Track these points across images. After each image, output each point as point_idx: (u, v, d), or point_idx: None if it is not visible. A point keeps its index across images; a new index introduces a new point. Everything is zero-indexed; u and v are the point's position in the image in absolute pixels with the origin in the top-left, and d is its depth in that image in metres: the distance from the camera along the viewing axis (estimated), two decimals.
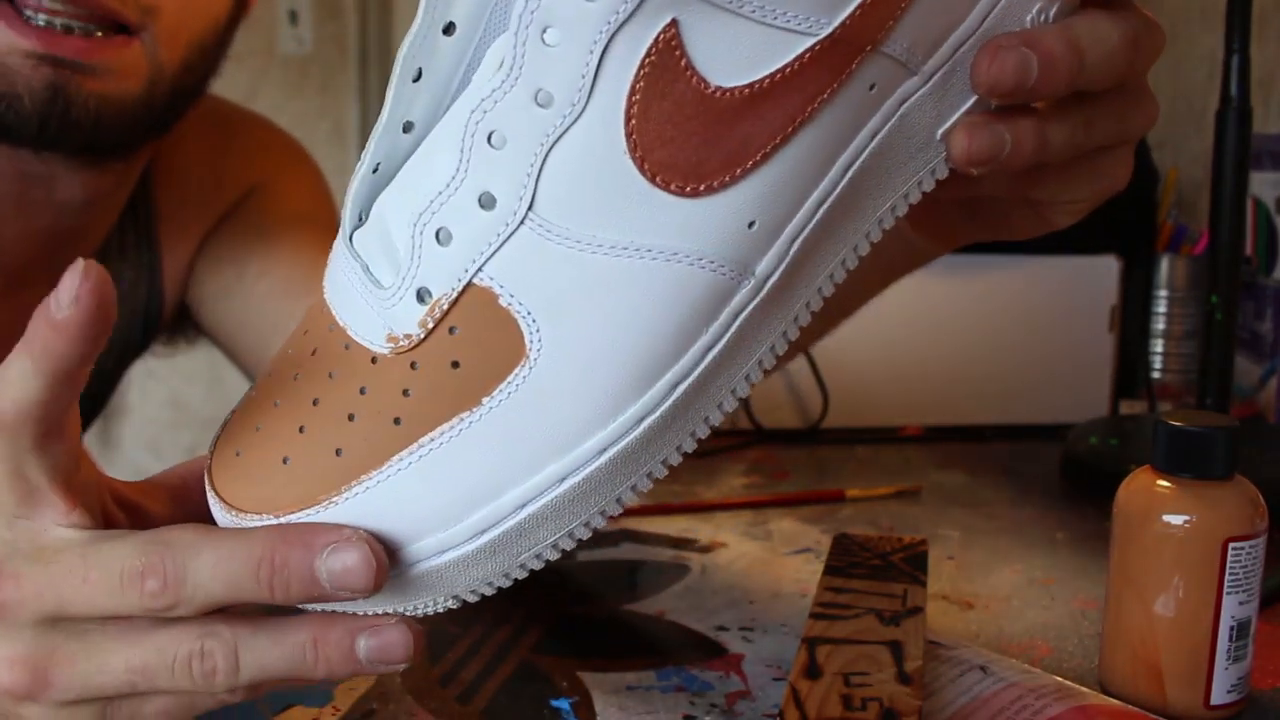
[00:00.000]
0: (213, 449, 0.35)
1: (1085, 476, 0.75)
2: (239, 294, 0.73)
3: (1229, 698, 0.45)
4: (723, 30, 0.30)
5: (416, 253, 0.32)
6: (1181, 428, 0.45)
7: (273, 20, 2.18)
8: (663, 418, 0.33)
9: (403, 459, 0.32)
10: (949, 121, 0.36)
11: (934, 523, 0.69)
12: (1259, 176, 0.92)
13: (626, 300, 0.31)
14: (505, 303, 0.32)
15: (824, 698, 0.38)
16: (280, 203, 0.75)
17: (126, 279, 0.71)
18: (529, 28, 0.30)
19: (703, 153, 0.31)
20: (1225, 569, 0.44)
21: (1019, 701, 0.41)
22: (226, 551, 0.32)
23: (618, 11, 0.29)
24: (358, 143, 2.21)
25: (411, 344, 0.32)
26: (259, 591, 0.32)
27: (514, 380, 0.32)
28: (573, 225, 0.31)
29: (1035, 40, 0.35)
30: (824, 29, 0.31)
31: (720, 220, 0.32)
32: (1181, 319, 0.97)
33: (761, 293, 0.33)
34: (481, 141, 0.31)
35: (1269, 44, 1.01)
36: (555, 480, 0.32)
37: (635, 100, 0.30)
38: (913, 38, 0.33)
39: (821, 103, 0.32)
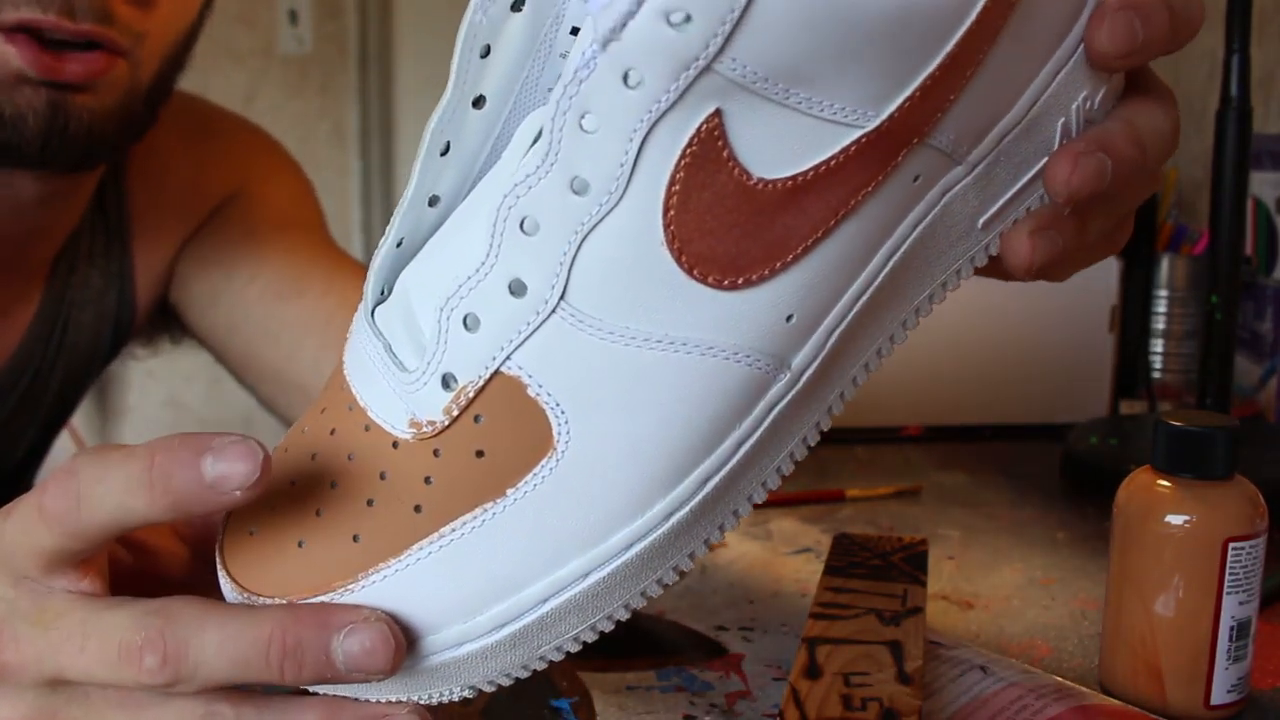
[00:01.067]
0: (225, 523, 0.34)
1: (1085, 476, 0.75)
2: (227, 298, 0.73)
3: (1229, 698, 0.45)
4: (767, 121, 0.29)
5: (443, 337, 0.31)
6: (1181, 428, 0.45)
7: (273, 20, 2.18)
8: (691, 512, 0.32)
9: (423, 548, 0.31)
10: (990, 210, 0.35)
11: (934, 523, 0.69)
12: (1259, 176, 0.92)
13: (659, 394, 0.31)
14: (534, 393, 0.31)
15: (824, 698, 0.38)
16: (266, 206, 0.75)
17: (95, 285, 0.70)
18: (566, 113, 0.29)
19: (743, 245, 0.30)
20: (1225, 569, 0.44)
21: (1019, 701, 0.41)
22: (234, 630, 0.31)
23: (660, 100, 0.28)
24: (357, 143, 2.21)
25: (435, 430, 0.31)
26: (267, 672, 0.31)
27: (540, 472, 0.31)
28: (606, 316, 0.30)
29: (1108, 144, 0.35)
30: (871, 121, 0.30)
31: (758, 314, 0.31)
32: (1181, 319, 0.97)
33: (797, 386, 0.33)
34: (514, 227, 0.30)
35: (1269, 44, 1.01)
36: (579, 575, 0.31)
37: (675, 190, 0.29)
38: (959, 129, 0.32)
39: (865, 195, 0.31)
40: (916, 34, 0.30)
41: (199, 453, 0.30)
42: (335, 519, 0.32)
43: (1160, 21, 0.35)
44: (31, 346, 0.69)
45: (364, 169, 2.23)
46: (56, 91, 0.54)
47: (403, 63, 2.21)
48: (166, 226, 0.72)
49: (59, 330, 0.70)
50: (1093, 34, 0.35)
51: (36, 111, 0.54)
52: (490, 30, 0.32)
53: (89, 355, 0.73)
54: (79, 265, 0.70)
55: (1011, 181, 0.35)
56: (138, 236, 0.72)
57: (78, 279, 0.70)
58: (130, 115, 0.59)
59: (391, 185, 2.25)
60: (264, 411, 0.77)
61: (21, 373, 0.69)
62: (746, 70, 0.28)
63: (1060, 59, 0.35)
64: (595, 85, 0.28)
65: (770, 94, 0.29)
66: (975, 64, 0.31)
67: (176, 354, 0.82)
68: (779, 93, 0.29)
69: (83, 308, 0.70)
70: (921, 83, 0.30)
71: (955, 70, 0.31)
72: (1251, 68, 0.69)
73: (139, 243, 0.72)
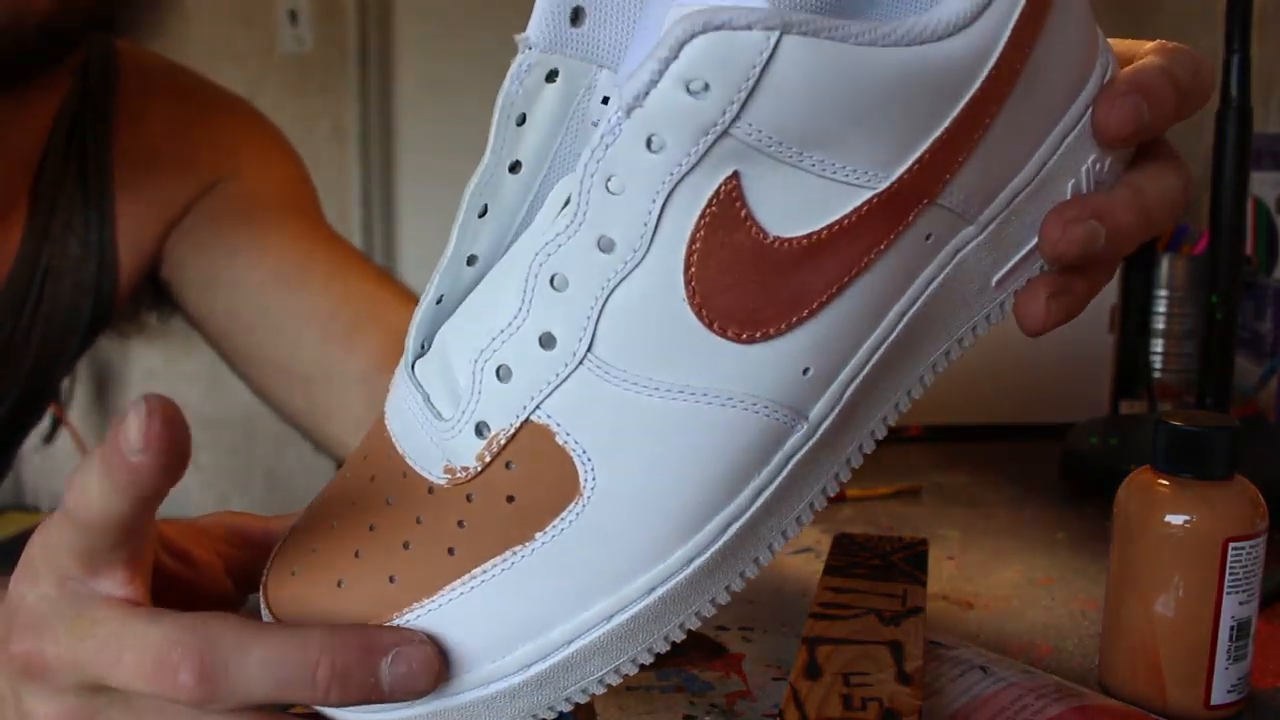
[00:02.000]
0: (270, 563, 0.36)
1: (1085, 476, 0.75)
2: (228, 283, 0.72)
3: (1229, 697, 0.45)
4: (783, 183, 0.30)
5: (477, 388, 0.32)
6: (1181, 428, 0.45)
7: (273, 20, 2.18)
8: (713, 558, 0.33)
9: (455, 589, 0.32)
10: (1004, 269, 0.36)
11: (934, 523, 0.69)
12: (1259, 176, 0.92)
13: (681, 442, 0.32)
14: (562, 441, 0.32)
15: (824, 698, 0.38)
16: (264, 189, 0.74)
17: (73, 254, 0.69)
18: (594, 175, 0.30)
19: (760, 301, 0.31)
20: (1225, 569, 0.44)
21: (1019, 701, 0.41)
22: (280, 650, 0.31)
23: (680, 164, 0.30)
24: (358, 143, 2.21)
25: (468, 476, 0.33)
26: (311, 693, 0.31)
27: (567, 517, 0.32)
28: (630, 367, 0.32)
29: (1105, 211, 0.36)
30: (882, 183, 0.31)
31: (775, 366, 0.32)
32: (1181, 319, 0.97)
33: (815, 437, 0.34)
34: (544, 283, 0.32)
35: (1269, 44, 1.01)
36: (604, 618, 0.32)
37: (695, 249, 0.31)
38: (969, 190, 0.34)
39: (878, 253, 0.32)
40: (923, 100, 0.31)
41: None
42: (374, 560, 0.33)
43: (1166, 101, 0.36)
44: (3, 315, 0.67)
45: (364, 169, 2.23)
46: None
47: (403, 63, 2.21)
48: (153, 201, 0.71)
49: (33, 299, 0.68)
50: (1099, 116, 0.36)
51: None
52: (526, 100, 0.34)
53: (67, 327, 0.71)
54: (54, 233, 0.68)
55: (1024, 241, 0.36)
56: (122, 209, 0.70)
57: (54, 248, 0.68)
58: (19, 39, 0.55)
59: (391, 185, 2.25)
60: (265, 414, 0.77)
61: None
62: (762, 135, 0.29)
63: (1068, 124, 0.36)
64: (620, 149, 0.30)
65: (785, 157, 0.30)
66: (982, 128, 0.33)
67: (176, 354, 0.82)
68: (793, 156, 0.30)
69: (59, 278, 0.69)
70: (929, 146, 0.32)
71: (962, 134, 0.32)
72: (1251, 68, 0.69)
73: (123, 215, 0.70)
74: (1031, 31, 0.33)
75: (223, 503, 2.21)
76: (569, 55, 0.33)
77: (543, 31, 0.33)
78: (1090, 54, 0.36)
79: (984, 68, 0.32)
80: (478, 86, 2.36)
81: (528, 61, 0.33)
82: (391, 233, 2.25)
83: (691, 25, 0.28)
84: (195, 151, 0.72)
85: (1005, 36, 0.32)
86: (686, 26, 0.28)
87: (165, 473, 0.30)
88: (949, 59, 0.31)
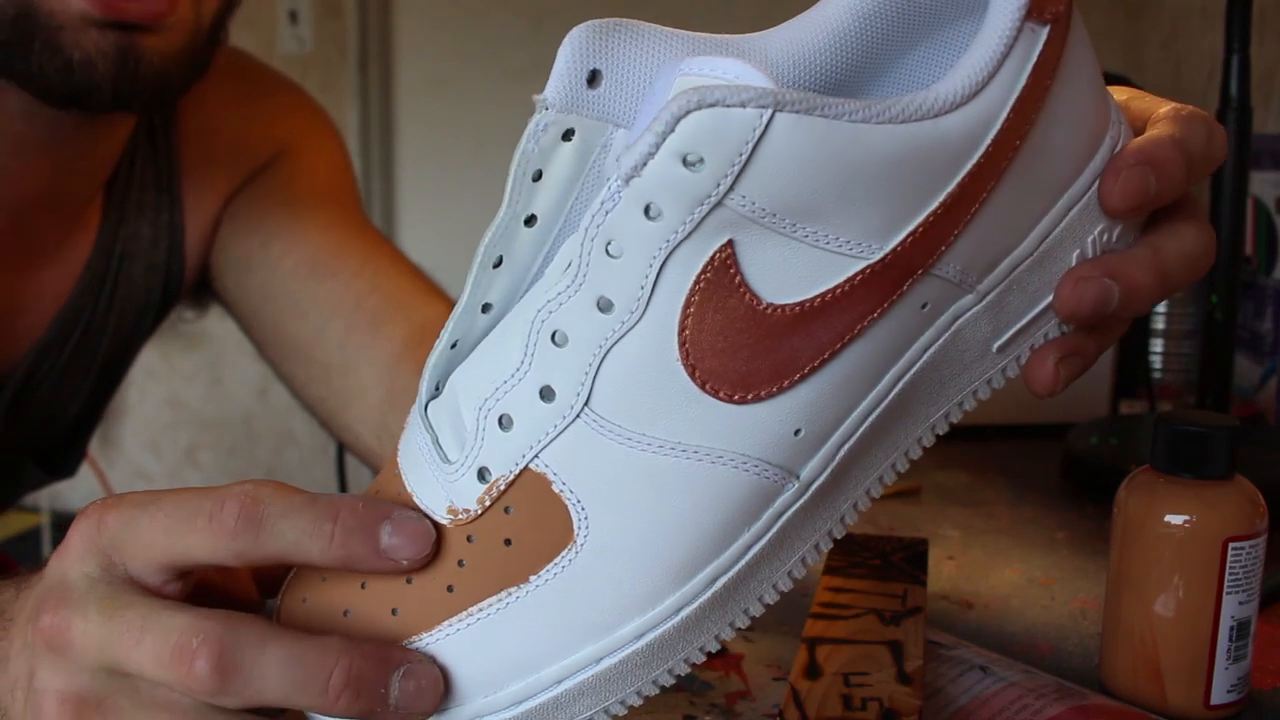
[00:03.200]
0: (285, 587, 0.37)
1: (1085, 476, 0.75)
2: (262, 267, 0.72)
3: (1229, 697, 0.45)
4: (776, 252, 0.31)
5: (480, 434, 0.34)
6: (1181, 428, 0.45)
7: (273, 20, 2.18)
8: (701, 608, 0.34)
9: (452, 624, 0.34)
10: (1005, 336, 0.37)
11: (934, 523, 0.69)
12: (1259, 176, 0.92)
13: (672, 495, 0.33)
14: (557, 489, 0.33)
15: (824, 697, 0.38)
16: (307, 173, 0.75)
17: (145, 237, 0.71)
18: (594, 239, 0.32)
19: (752, 364, 0.32)
20: (1225, 569, 0.44)
21: (1019, 701, 0.41)
22: (300, 653, 0.32)
23: (677, 231, 0.31)
24: (358, 143, 2.21)
25: (469, 518, 0.34)
26: (322, 699, 0.32)
27: (560, 562, 0.33)
28: (625, 422, 0.33)
29: (1120, 270, 0.36)
30: (876, 254, 0.32)
31: (766, 427, 0.33)
32: (1181, 319, 0.97)
33: (806, 495, 0.35)
34: (546, 339, 0.33)
35: (1269, 44, 1.01)
36: (592, 660, 0.34)
37: (690, 312, 0.32)
38: (965, 261, 0.34)
39: (871, 321, 0.33)
40: (916, 176, 0.32)
41: (379, 520, 0.33)
42: (378, 593, 0.34)
43: (1175, 172, 0.36)
44: (83, 298, 0.69)
45: (364, 169, 2.23)
46: (124, 34, 0.55)
47: (403, 63, 2.21)
48: (215, 181, 0.73)
49: (110, 283, 0.70)
50: (1104, 188, 0.36)
51: (106, 55, 0.54)
52: (542, 157, 0.35)
53: (140, 310, 0.73)
54: (129, 216, 0.69)
55: (1025, 310, 0.37)
56: (188, 190, 0.72)
57: (127, 230, 0.70)
58: (195, 56, 0.59)
59: (391, 185, 2.25)
60: (265, 413, 0.77)
61: (73, 325, 0.69)
62: (755, 206, 0.30)
63: (1074, 196, 0.36)
64: (619, 216, 0.31)
65: (778, 228, 0.31)
66: (978, 202, 0.33)
67: (177, 354, 0.82)
68: (786, 227, 0.31)
69: (133, 260, 0.70)
70: (923, 220, 0.32)
71: (958, 208, 0.33)
72: (1251, 68, 0.69)
73: (189, 196, 0.72)
74: (1033, 107, 0.33)
75: None
76: (585, 115, 0.34)
77: (560, 92, 0.34)
78: (1100, 124, 0.36)
79: (980, 145, 0.32)
80: (478, 86, 2.36)
81: (545, 121, 0.34)
82: (391, 233, 2.25)
83: (688, 101, 0.29)
84: (252, 129, 0.73)
85: (1004, 114, 0.33)
86: (683, 102, 0.29)
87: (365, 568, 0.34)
88: (944, 136, 0.32)
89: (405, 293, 0.71)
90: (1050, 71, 0.34)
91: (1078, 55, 0.35)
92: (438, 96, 2.20)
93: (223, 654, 0.31)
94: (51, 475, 0.77)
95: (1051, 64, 0.34)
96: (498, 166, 1.23)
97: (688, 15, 2.08)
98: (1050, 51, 0.33)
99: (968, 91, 0.32)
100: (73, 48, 0.54)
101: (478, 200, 2.17)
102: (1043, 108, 0.34)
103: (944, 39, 0.37)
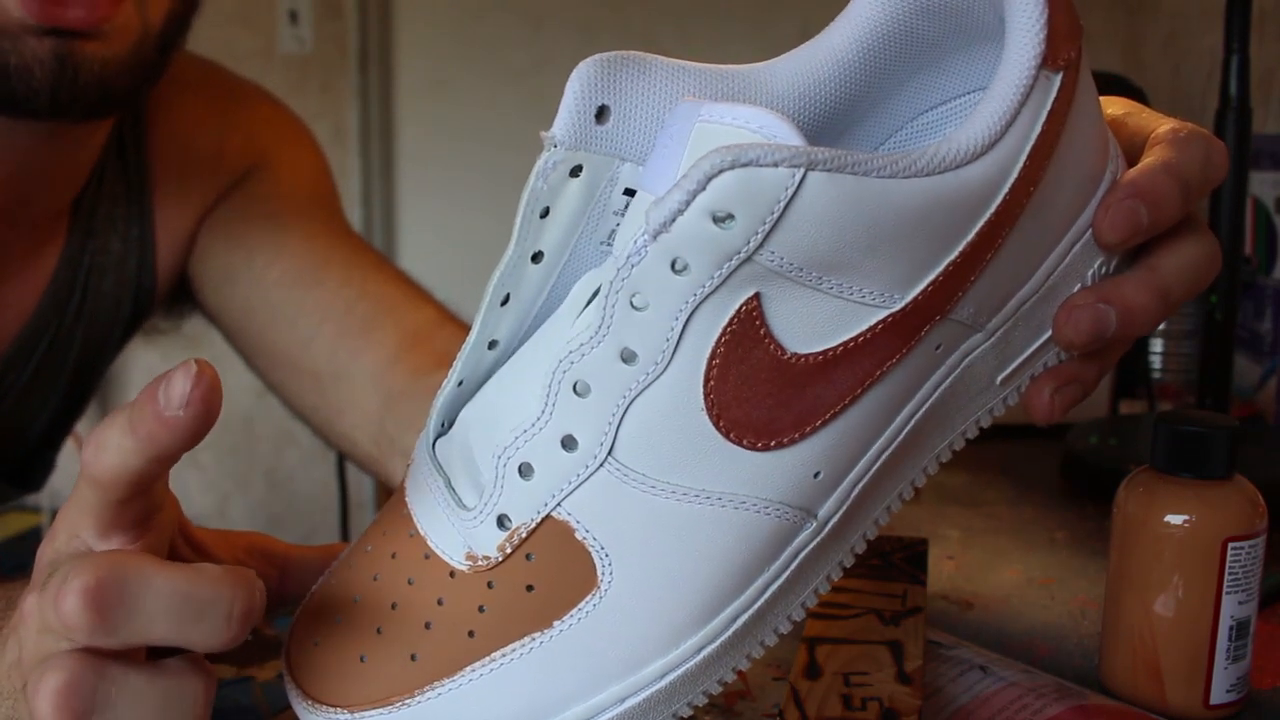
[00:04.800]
0: (292, 629, 0.37)
1: (1085, 476, 0.75)
2: (246, 279, 0.72)
3: (1228, 697, 0.45)
4: (801, 303, 0.32)
5: (499, 483, 0.34)
6: (1181, 428, 0.45)
7: (273, 20, 2.18)
8: (721, 646, 0.34)
9: (475, 670, 0.34)
10: (1009, 369, 0.38)
11: (934, 523, 0.69)
12: (1259, 176, 0.92)
13: (695, 541, 0.33)
14: (581, 536, 0.33)
15: (824, 697, 0.38)
16: (287, 184, 0.74)
17: (115, 251, 0.70)
18: (619, 292, 0.32)
19: (775, 413, 0.33)
20: (1225, 569, 0.44)
21: (1019, 701, 0.41)
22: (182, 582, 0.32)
23: (704, 285, 0.31)
24: (358, 143, 2.21)
25: (489, 565, 0.34)
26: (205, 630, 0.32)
27: (584, 607, 0.33)
28: (649, 471, 0.33)
29: (1115, 294, 0.36)
30: (898, 303, 0.33)
31: (788, 472, 0.33)
32: (1181, 319, 0.97)
33: (822, 533, 0.35)
34: (567, 389, 0.33)
35: (1269, 44, 1.01)
36: (616, 700, 0.34)
37: (715, 363, 0.32)
38: (979, 304, 0.35)
39: (890, 366, 0.34)
40: (940, 227, 0.32)
41: (154, 387, 0.32)
42: (395, 638, 0.34)
43: (1169, 201, 0.36)
44: (48, 312, 0.68)
45: (364, 169, 2.23)
46: (63, 40, 0.54)
47: (403, 63, 2.21)
48: (189, 194, 0.72)
49: (77, 296, 0.69)
50: (1097, 222, 0.36)
51: (43, 62, 0.53)
52: (550, 195, 0.35)
53: (109, 324, 0.72)
54: (97, 230, 0.69)
55: (1029, 342, 0.38)
56: (160, 203, 0.71)
57: (96, 244, 0.69)
58: (143, 62, 0.58)
59: (391, 185, 2.25)
60: (265, 414, 0.77)
61: (39, 338, 0.69)
62: (784, 261, 0.31)
63: (1076, 232, 0.37)
64: (646, 269, 0.31)
65: (804, 280, 0.31)
66: (994, 248, 0.34)
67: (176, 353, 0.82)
68: (813, 279, 0.31)
69: (102, 274, 0.70)
70: (944, 268, 0.33)
71: (976, 255, 0.33)
72: (1251, 68, 0.69)
73: (161, 210, 0.71)
74: (1046, 154, 0.34)
75: (223, 503, 2.21)
76: (593, 151, 0.34)
77: (568, 130, 0.34)
78: (1101, 160, 0.37)
79: (1000, 192, 0.33)
80: (478, 87, 2.36)
81: (553, 159, 0.34)
82: (391, 233, 2.25)
83: (721, 161, 0.29)
84: (226, 143, 0.73)
85: (1020, 162, 0.33)
86: (716, 161, 0.29)
87: (192, 435, 0.32)
88: (966, 186, 0.32)
89: (394, 298, 0.71)
90: (1062, 118, 0.34)
91: (1085, 98, 0.35)
92: (438, 97, 2.20)
93: (97, 588, 0.31)
94: (17, 488, 0.76)
95: (1064, 110, 0.34)
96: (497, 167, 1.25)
97: (688, 15, 2.08)
98: (1063, 98, 0.34)
99: (987, 141, 0.32)
100: (9, 53, 0.53)
101: (477, 201, 2.18)
102: (1054, 153, 0.34)
103: (943, 66, 0.38)
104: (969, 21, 0.36)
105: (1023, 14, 0.33)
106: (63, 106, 0.55)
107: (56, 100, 0.55)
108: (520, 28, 2.11)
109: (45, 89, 0.54)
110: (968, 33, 0.36)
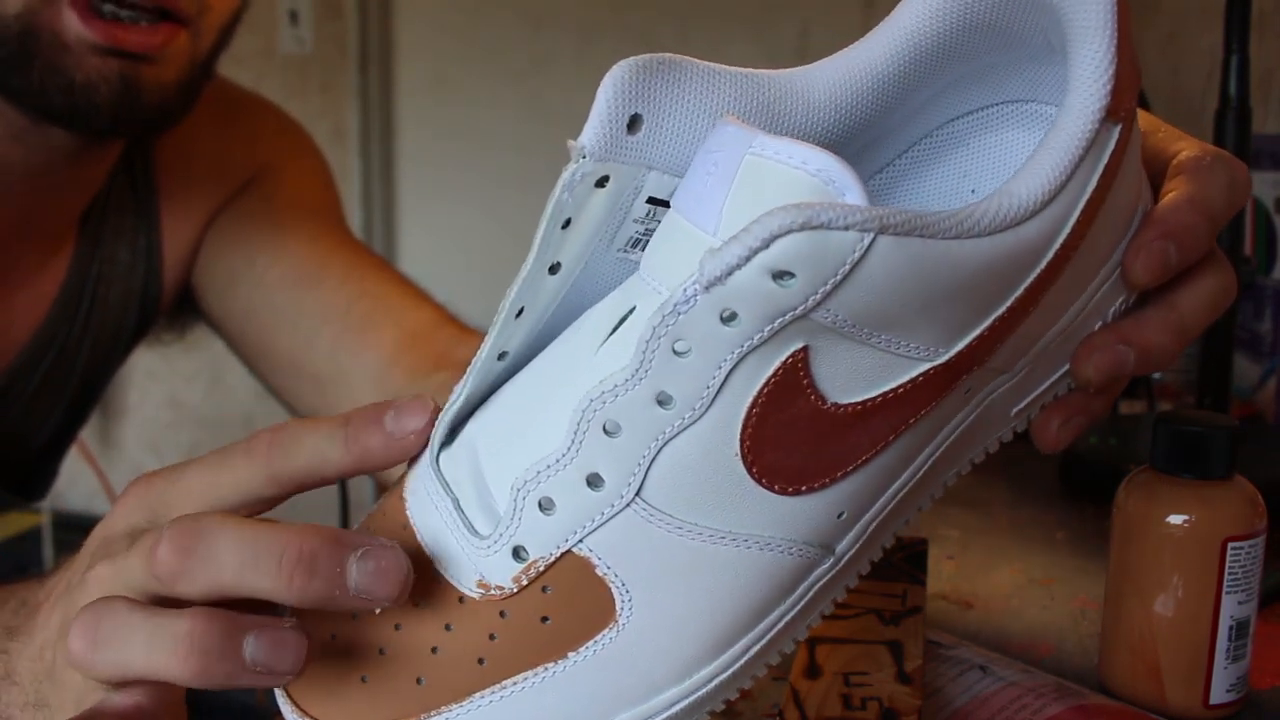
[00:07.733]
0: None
1: (1085, 476, 0.75)
2: (247, 282, 0.73)
3: (1228, 697, 0.45)
4: (847, 356, 0.31)
5: (518, 514, 0.33)
6: (1181, 428, 0.45)
7: (273, 20, 2.18)
8: (732, 674, 0.34)
9: (484, 697, 0.33)
10: (1024, 402, 0.38)
11: (934, 523, 0.69)
12: (1259, 176, 0.92)
13: (718, 579, 0.33)
14: (601, 572, 0.33)
15: (824, 697, 0.38)
16: (288, 189, 0.75)
17: (122, 260, 0.71)
18: (661, 338, 0.31)
19: (809, 460, 0.32)
20: (1225, 569, 0.44)
21: (1019, 701, 0.41)
22: (251, 533, 0.32)
23: (752, 338, 0.30)
24: (357, 143, 2.21)
25: (503, 595, 0.33)
26: (275, 579, 0.31)
27: (601, 640, 0.33)
28: (677, 511, 0.32)
29: (1134, 335, 0.36)
30: (941, 357, 0.32)
31: (814, 514, 0.33)
32: None
33: (838, 567, 0.35)
34: (597, 428, 0.32)
35: (1268, 44, 1.01)
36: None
37: (755, 412, 0.31)
38: (1011, 352, 0.35)
39: (924, 413, 0.33)
40: (993, 285, 0.32)
41: (382, 410, 0.35)
42: (399, 660, 0.34)
43: (1198, 237, 0.36)
44: (57, 322, 0.69)
45: (364, 169, 2.23)
46: (127, 62, 0.56)
47: (403, 63, 2.21)
48: (193, 203, 0.73)
49: (85, 306, 0.70)
50: (1127, 264, 0.36)
51: (108, 81, 0.55)
52: (574, 206, 0.34)
53: (116, 333, 0.73)
54: (105, 241, 0.70)
55: (1047, 378, 0.38)
56: (165, 213, 0.72)
57: (103, 254, 0.70)
58: (190, 87, 0.60)
59: (392, 185, 2.25)
60: (264, 412, 0.78)
61: (47, 348, 0.69)
62: (839, 319, 0.30)
63: (1106, 273, 0.36)
64: (693, 318, 0.30)
65: (855, 336, 0.31)
66: (1037, 302, 0.34)
67: (176, 354, 0.82)
68: (864, 335, 0.31)
69: (109, 284, 0.71)
70: (991, 323, 0.33)
71: (1022, 309, 0.33)
72: (1251, 68, 0.69)
73: (167, 219, 0.72)
74: (1098, 206, 0.33)
75: None
76: (622, 162, 0.33)
77: (599, 140, 0.32)
78: (1137, 200, 0.36)
79: (1053, 247, 0.33)
80: (478, 86, 2.36)
81: (581, 171, 0.33)
82: (391, 233, 2.25)
83: (790, 221, 0.28)
84: (230, 152, 0.74)
85: (1076, 214, 0.33)
86: (785, 221, 0.28)
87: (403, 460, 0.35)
88: (1021, 243, 0.32)
89: (393, 298, 0.72)
90: (1116, 169, 0.33)
91: (1134, 144, 0.35)
92: (438, 97, 2.20)
93: (182, 535, 0.32)
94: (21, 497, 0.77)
95: (1119, 161, 0.33)
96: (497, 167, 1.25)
97: (688, 15, 2.07)
98: (1119, 149, 0.33)
99: (1047, 196, 0.32)
100: (75, 69, 0.55)
101: (477, 201, 2.18)
102: (1104, 203, 0.34)
103: (979, 78, 0.37)
104: (1015, 40, 0.35)
105: (1090, 63, 0.32)
106: (122, 124, 0.57)
107: (117, 118, 0.57)
108: (520, 27, 2.11)
109: (108, 106, 0.56)
110: (1012, 50, 0.36)
